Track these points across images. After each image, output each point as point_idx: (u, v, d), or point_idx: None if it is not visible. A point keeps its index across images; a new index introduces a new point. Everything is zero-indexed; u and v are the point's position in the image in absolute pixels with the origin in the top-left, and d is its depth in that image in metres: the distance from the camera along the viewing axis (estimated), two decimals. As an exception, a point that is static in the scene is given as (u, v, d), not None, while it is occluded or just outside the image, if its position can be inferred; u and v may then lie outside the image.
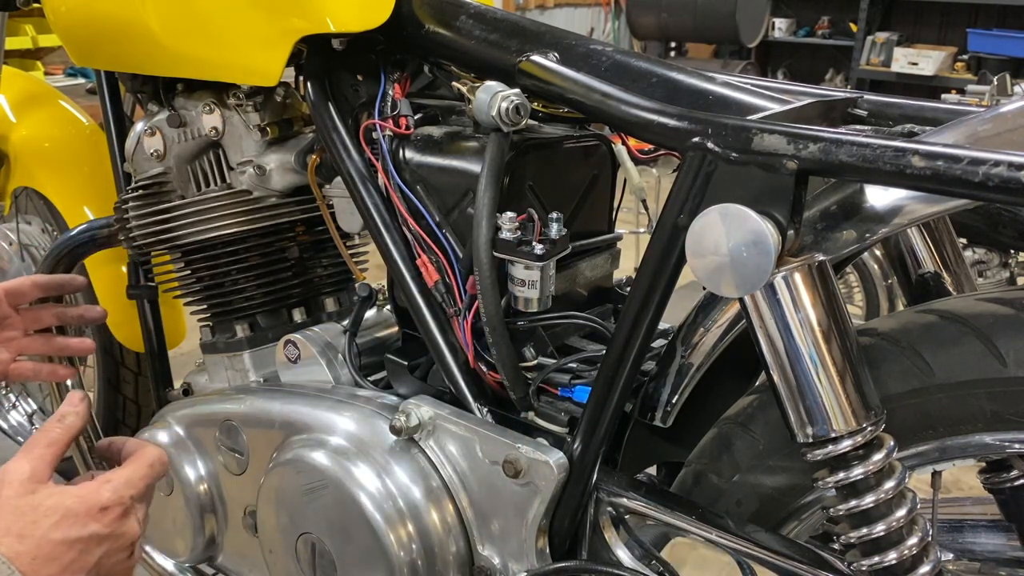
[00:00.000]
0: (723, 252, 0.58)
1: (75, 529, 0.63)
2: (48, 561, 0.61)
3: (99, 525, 0.64)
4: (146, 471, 0.70)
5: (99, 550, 0.64)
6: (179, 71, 0.94)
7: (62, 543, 0.62)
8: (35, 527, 0.62)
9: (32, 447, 0.68)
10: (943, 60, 5.40)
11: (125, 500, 0.66)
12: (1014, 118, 0.59)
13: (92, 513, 0.64)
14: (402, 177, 0.83)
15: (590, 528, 0.76)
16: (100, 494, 0.65)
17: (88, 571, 0.63)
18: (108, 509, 0.65)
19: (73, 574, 0.62)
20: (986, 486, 0.78)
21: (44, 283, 1.07)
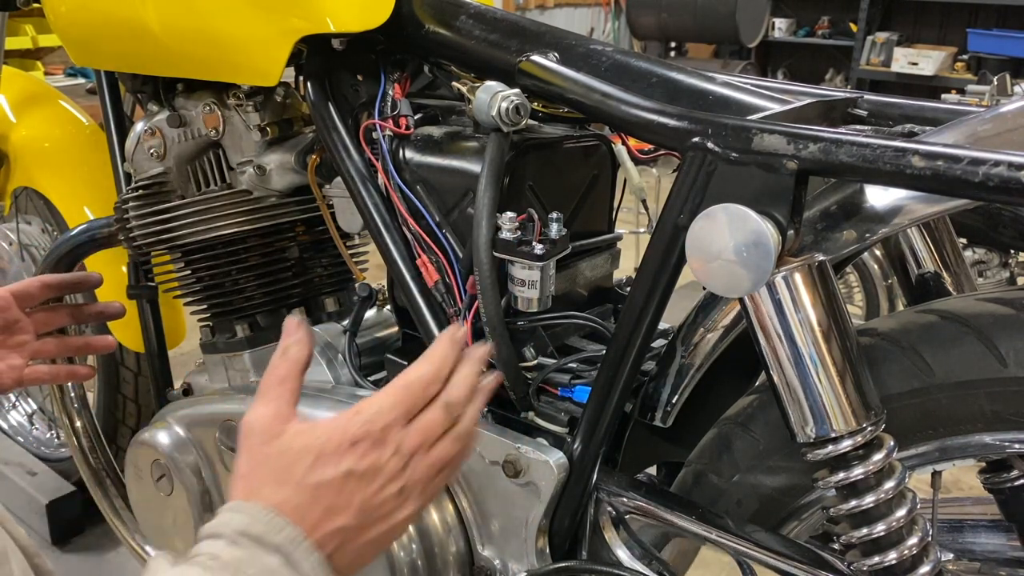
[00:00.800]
0: (723, 252, 0.58)
1: (330, 469, 0.59)
2: (311, 505, 0.59)
3: (352, 460, 0.60)
4: (401, 395, 0.63)
5: (359, 486, 0.60)
6: (179, 71, 0.94)
7: (319, 485, 0.59)
8: (289, 473, 0.60)
9: (266, 391, 0.64)
10: (943, 60, 5.40)
11: (375, 431, 0.61)
12: (1014, 118, 0.59)
13: (343, 450, 0.60)
14: (402, 177, 0.83)
15: (590, 528, 0.76)
16: (348, 428, 0.61)
17: (353, 510, 0.60)
18: (358, 443, 0.60)
19: (337, 514, 0.59)
20: (986, 486, 0.78)
21: (54, 283, 1.05)
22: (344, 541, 0.59)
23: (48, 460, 1.84)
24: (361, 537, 0.60)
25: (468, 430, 0.66)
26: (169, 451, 1.01)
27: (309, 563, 0.57)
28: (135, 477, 1.07)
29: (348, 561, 0.60)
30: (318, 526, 0.59)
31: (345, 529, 0.59)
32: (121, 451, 1.56)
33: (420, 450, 0.63)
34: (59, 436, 1.87)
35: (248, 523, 0.57)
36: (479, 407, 0.67)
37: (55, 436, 1.89)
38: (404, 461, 0.62)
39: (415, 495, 0.63)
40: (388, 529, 0.62)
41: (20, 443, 1.91)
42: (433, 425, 0.64)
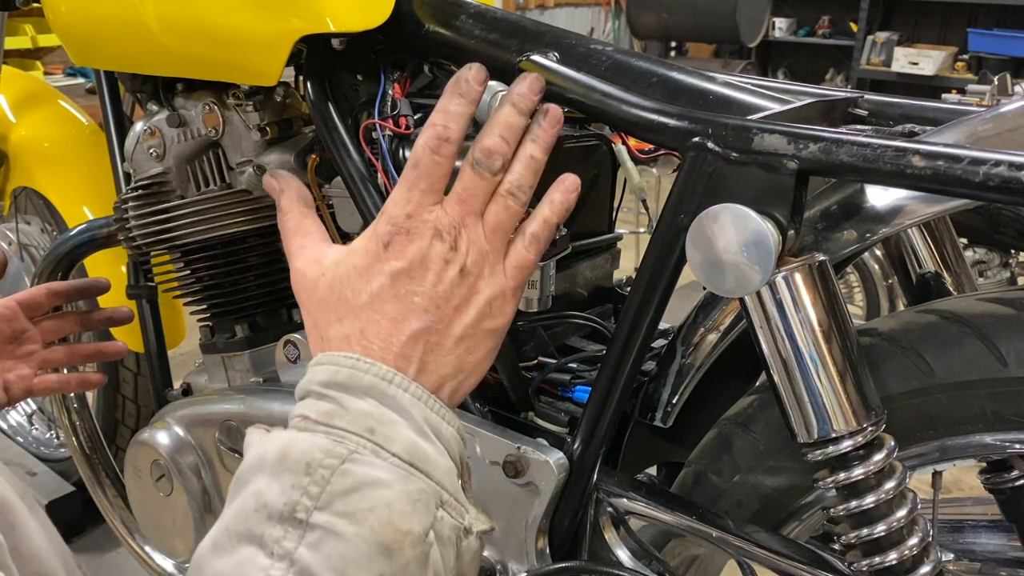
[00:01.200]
0: (723, 252, 0.58)
1: (375, 281, 0.56)
2: (375, 324, 0.55)
3: (392, 262, 0.56)
4: (411, 173, 0.58)
5: (412, 284, 0.56)
6: (179, 71, 0.94)
7: (373, 300, 0.56)
8: (344, 303, 0.57)
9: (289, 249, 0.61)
10: (943, 60, 5.41)
11: (401, 223, 0.57)
12: (1014, 118, 0.59)
13: (379, 256, 0.57)
14: (402, 177, 0.83)
15: (590, 528, 0.76)
16: (377, 232, 0.57)
17: (418, 310, 0.55)
18: (390, 243, 0.57)
19: (405, 321, 0.55)
20: (986, 486, 0.78)
21: (61, 290, 1.04)
22: (428, 347, 0.55)
23: (48, 460, 1.85)
24: (446, 337, 0.56)
25: (523, 180, 0.59)
26: (169, 451, 1.01)
27: (407, 397, 0.54)
28: (135, 477, 1.07)
29: (446, 372, 0.56)
30: (390, 341, 0.55)
31: (421, 332, 0.55)
32: (121, 451, 1.56)
33: (466, 222, 0.58)
34: (58, 436, 1.87)
35: (332, 372, 0.54)
36: (536, 150, 0.60)
37: (55, 436, 1.89)
38: (451, 240, 0.57)
39: (487, 272, 0.58)
40: (474, 319, 0.57)
41: (20, 443, 1.91)
42: (468, 190, 0.58)
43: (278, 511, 0.49)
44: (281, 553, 0.48)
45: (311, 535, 0.48)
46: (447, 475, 0.54)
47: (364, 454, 0.51)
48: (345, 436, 0.51)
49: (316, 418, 0.53)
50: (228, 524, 0.51)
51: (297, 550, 0.48)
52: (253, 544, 0.49)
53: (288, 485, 0.50)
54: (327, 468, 0.50)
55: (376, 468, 0.51)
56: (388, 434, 0.52)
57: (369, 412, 0.52)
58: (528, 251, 0.60)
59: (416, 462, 0.52)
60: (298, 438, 0.52)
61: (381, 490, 0.50)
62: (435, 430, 0.54)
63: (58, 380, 1.06)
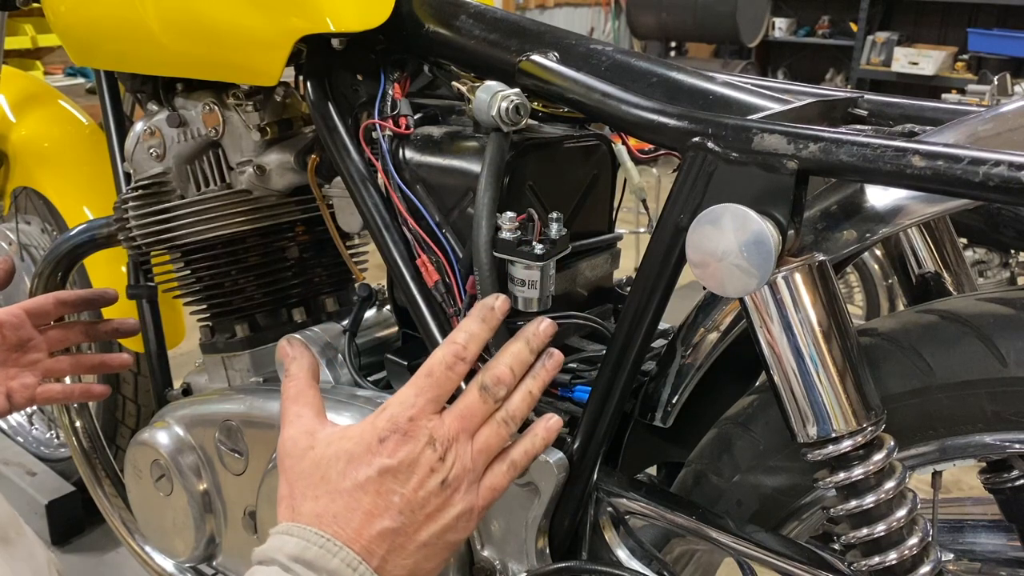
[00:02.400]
0: (723, 252, 0.58)
1: (362, 471, 0.57)
2: (350, 511, 0.57)
3: (383, 457, 0.58)
4: (423, 382, 0.60)
5: (395, 483, 0.57)
6: (179, 71, 0.94)
7: (355, 488, 0.57)
8: (325, 482, 0.58)
9: (286, 415, 0.62)
10: (943, 60, 5.41)
11: (402, 424, 0.59)
12: (1014, 118, 0.59)
13: (372, 448, 0.58)
14: (402, 177, 0.83)
15: (590, 528, 0.76)
16: (375, 426, 0.59)
17: (394, 510, 0.57)
18: (386, 439, 0.58)
19: (378, 516, 0.57)
20: (986, 486, 0.78)
21: (69, 300, 1.04)
22: (393, 546, 0.57)
23: (48, 460, 1.84)
24: (411, 541, 0.58)
25: (517, 411, 0.62)
26: (169, 451, 1.01)
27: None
28: (135, 477, 1.07)
29: (404, 571, 0.58)
30: (361, 531, 0.56)
31: (390, 531, 0.57)
32: (121, 451, 1.56)
33: (460, 438, 0.60)
34: (59, 436, 1.87)
35: (302, 547, 0.55)
36: (535, 386, 0.63)
37: (55, 436, 1.89)
38: (441, 451, 0.59)
39: (464, 488, 0.60)
40: (440, 530, 0.59)
41: (20, 443, 1.91)
42: (469, 410, 0.61)
43: None
44: None
45: None
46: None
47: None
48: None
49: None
50: None
51: None
52: None
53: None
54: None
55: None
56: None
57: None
58: (504, 477, 0.63)
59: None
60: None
61: None
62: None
63: (62, 390, 1.06)
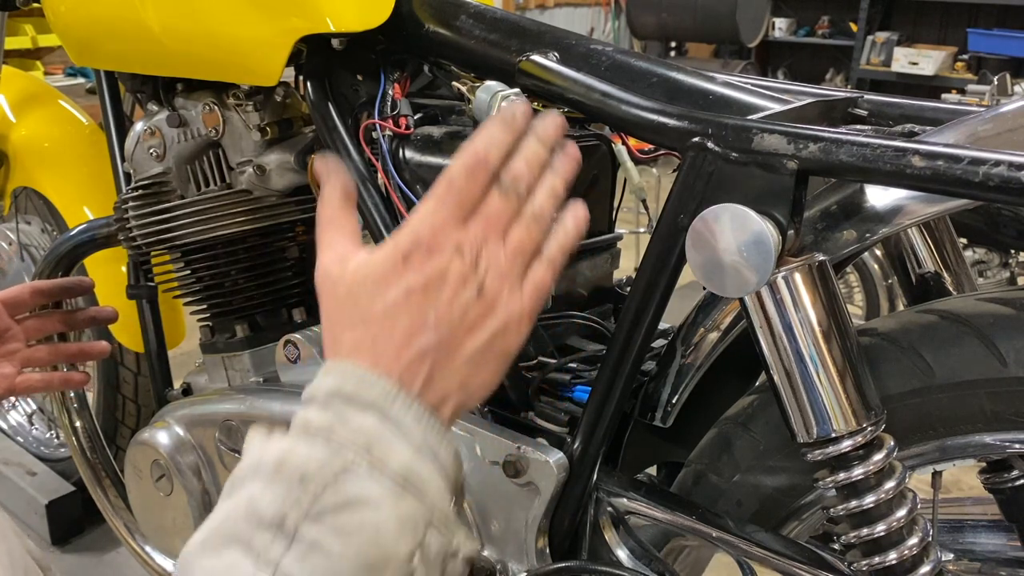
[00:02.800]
0: (723, 252, 0.58)
1: (391, 292, 0.56)
2: (386, 335, 0.55)
3: (409, 276, 0.56)
4: (442, 191, 0.58)
5: (427, 299, 0.55)
6: (179, 71, 0.94)
7: (387, 311, 0.56)
8: (358, 309, 0.57)
9: (320, 240, 0.59)
10: (943, 60, 5.41)
11: (424, 238, 0.57)
12: (1014, 118, 0.59)
13: (397, 268, 0.56)
14: (402, 177, 0.83)
15: (590, 528, 0.76)
16: (398, 244, 0.57)
17: (430, 326, 0.55)
18: (410, 256, 0.56)
19: (415, 335, 0.55)
20: (986, 486, 0.78)
21: (45, 289, 1.04)
22: (436, 364, 0.55)
23: (48, 460, 1.84)
24: (455, 356, 0.56)
25: (543, 209, 0.60)
26: (169, 451, 1.01)
27: (410, 416, 0.54)
28: (135, 477, 1.07)
29: (451, 389, 0.56)
30: (400, 355, 0.55)
31: (431, 349, 0.55)
32: (121, 451, 1.56)
33: (489, 242, 0.58)
34: (59, 436, 1.87)
35: (339, 383, 0.54)
36: (556, 182, 0.61)
37: (55, 436, 1.89)
38: (471, 258, 0.57)
39: (505, 293, 0.57)
40: (487, 339, 0.57)
41: (20, 443, 1.91)
42: (494, 212, 0.58)
43: (268, 519, 0.49)
44: (266, 561, 0.48)
45: (298, 547, 0.49)
46: (440, 497, 0.54)
47: (359, 470, 0.51)
48: (343, 450, 0.51)
49: (317, 427, 0.53)
50: (219, 525, 0.52)
51: (282, 560, 0.48)
52: (240, 548, 0.49)
53: (281, 494, 0.50)
54: (320, 482, 0.50)
55: (369, 486, 0.51)
56: (386, 452, 0.52)
57: (369, 428, 0.52)
58: (546, 274, 0.60)
59: (411, 482, 0.52)
60: (296, 447, 0.52)
61: (371, 510, 0.50)
62: (433, 452, 0.54)
63: (41, 379, 1.06)
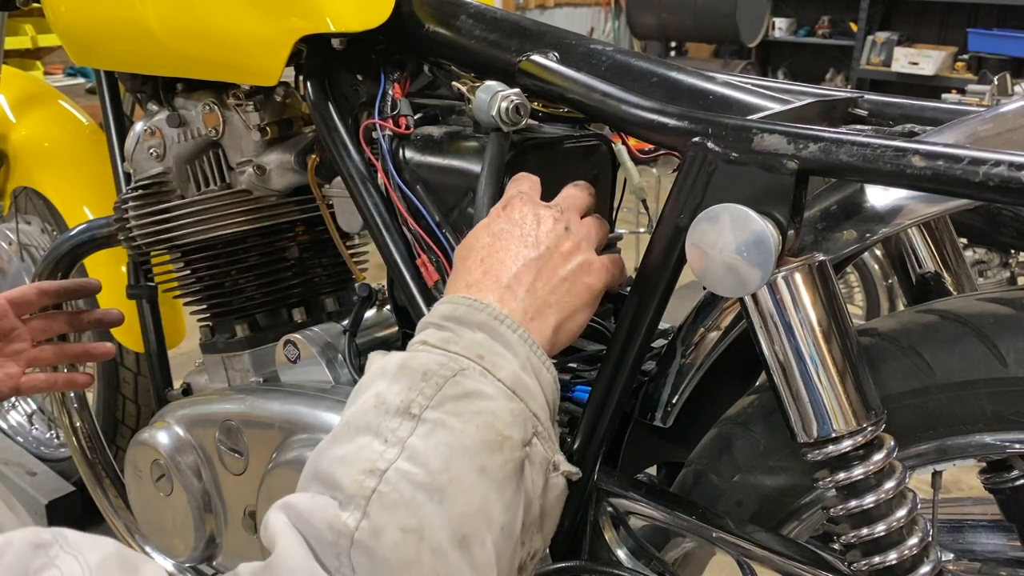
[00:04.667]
0: (723, 252, 0.58)
1: (496, 226, 0.67)
2: (493, 259, 0.65)
3: (511, 214, 0.68)
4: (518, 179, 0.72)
5: (528, 229, 0.66)
6: (179, 71, 0.94)
7: (494, 241, 0.66)
8: (469, 249, 0.67)
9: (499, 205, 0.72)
10: (943, 60, 5.40)
11: (515, 197, 0.69)
12: (1014, 118, 0.59)
13: (499, 213, 0.68)
14: (402, 177, 0.83)
15: (590, 528, 0.76)
16: (498, 203, 0.70)
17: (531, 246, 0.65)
18: (508, 204, 0.69)
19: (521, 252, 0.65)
20: (986, 486, 0.78)
21: (52, 290, 1.04)
22: (536, 276, 0.64)
23: (48, 460, 1.84)
24: (552, 274, 0.65)
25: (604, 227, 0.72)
26: (169, 451, 1.01)
27: (515, 336, 0.61)
28: (135, 477, 1.07)
29: (551, 301, 0.64)
30: (505, 267, 0.64)
31: (531, 263, 0.65)
32: (121, 451, 1.56)
33: (572, 212, 0.69)
34: (59, 436, 1.87)
35: (452, 308, 0.63)
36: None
37: (55, 436, 1.89)
38: (557, 211, 0.68)
39: (586, 245, 0.67)
40: (577, 267, 0.66)
41: (20, 443, 1.91)
42: (573, 197, 0.71)
43: (395, 407, 0.56)
44: (395, 440, 0.55)
45: (423, 427, 0.55)
46: (542, 410, 0.61)
47: (474, 373, 0.59)
48: (458, 358, 0.59)
49: (434, 343, 0.61)
50: (348, 419, 0.58)
51: (409, 438, 0.55)
52: (370, 434, 0.55)
53: (405, 387, 0.57)
54: (441, 377, 0.57)
55: (484, 384, 0.58)
56: (496, 362, 0.60)
57: (481, 342, 0.60)
58: (615, 263, 0.70)
59: (518, 390, 0.59)
60: (417, 354, 0.60)
61: (487, 401, 0.57)
62: (536, 370, 0.62)
63: (45, 379, 1.06)
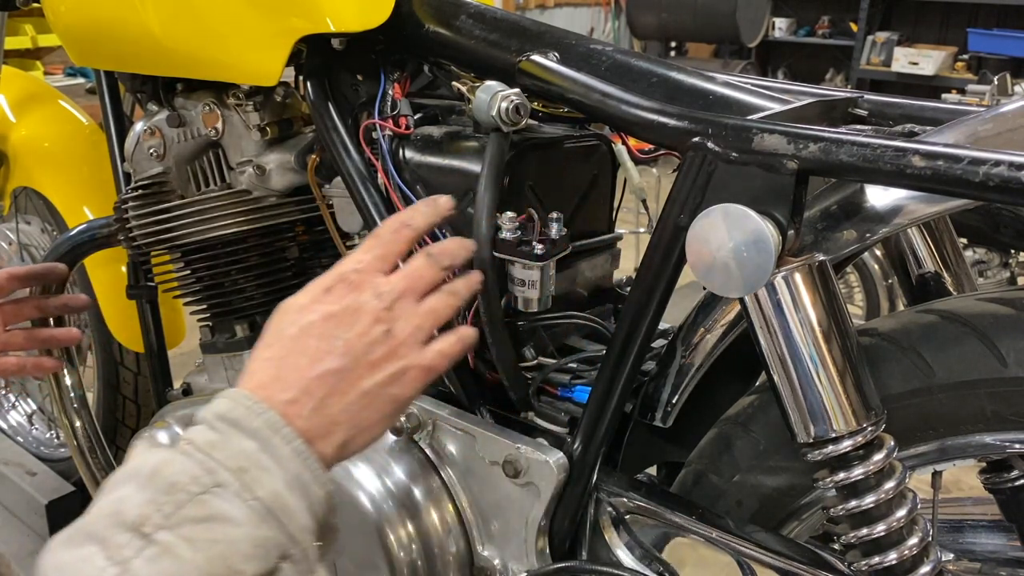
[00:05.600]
0: (723, 252, 0.58)
1: (307, 317, 0.61)
2: (294, 356, 0.60)
3: (327, 304, 0.62)
4: (370, 242, 0.65)
5: (339, 329, 0.60)
6: (179, 71, 0.94)
7: (300, 334, 0.61)
8: (275, 333, 0.62)
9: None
10: (943, 60, 5.40)
11: (348, 276, 0.63)
12: (1014, 118, 0.59)
13: (318, 297, 0.62)
14: (402, 177, 0.83)
15: (590, 528, 0.76)
16: (322, 280, 0.64)
17: (338, 351, 0.60)
18: (332, 288, 0.63)
19: (321, 359, 0.60)
20: (986, 486, 0.78)
21: (21, 275, 1.07)
22: (334, 390, 0.59)
23: (48, 460, 1.84)
24: (353, 387, 0.60)
25: (463, 287, 0.66)
26: (169, 451, 1.01)
27: (289, 449, 0.56)
28: (135, 477, 1.07)
29: (341, 420, 0.59)
30: (302, 374, 0.59)
31: (332, 373, 0.59)
32: (121, 451, 1.56)
33: (406, 296, 0.63)
34: (59, 436, 1.87)
35: (229, 407, 0.57)
36: (476, 277, 0.68)
37: (55, 436, 1.89)
38: (387, 303, 0.62)
39: (411, 344, 0.62)
40: (385, 379, 0.61)
41: (20, 443, 1.91)
42: (417, 271, 0.64)
43: (130, 520, 0.51)
44: (119, 559, 0.50)
45: (151, 549, 0.51)
46: (302, 532, 0.56)
47: (228, 490, 0.53)
48: (218, 469, 0.54)
49: (199, 444, 0.56)
50: (84, 522, 0.53)
51: (133, 560, 0.50)
52: (97, 544, 0.51)
53: (148, 498, 0.52)
54: (188, 493, 0.53)
55: (233, 505, 0.53)
56: (258, 478, 0.54)
57: (248, 453, 0.55)
58: (456, 346, 0.65)
59: (275, 510, 0.54)
60: (175, 459, 0.55)
61: (230, 527, 0.52)
62: (304, 488, 0.56)
63: (16, 363, 1.09)
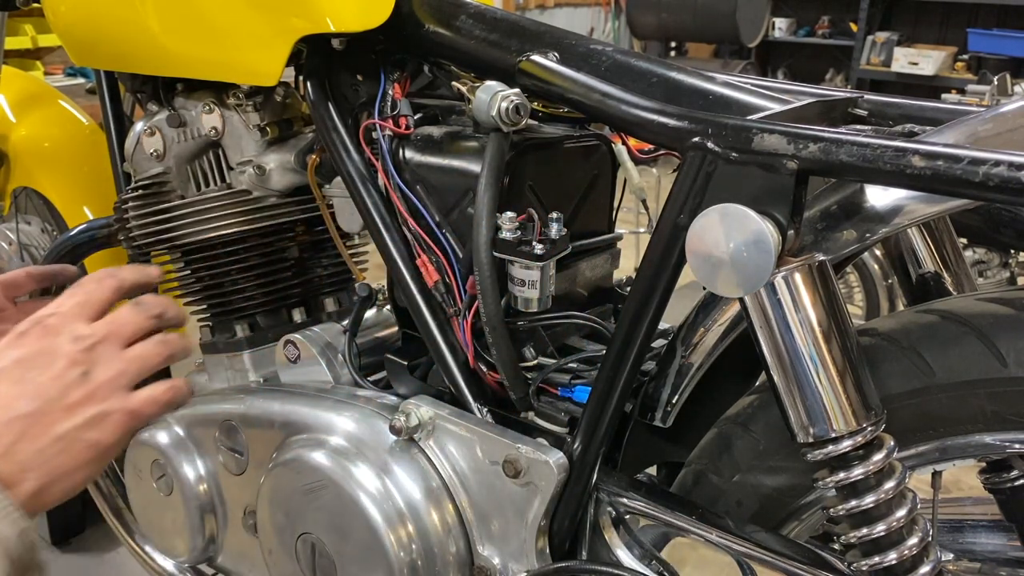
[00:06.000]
0: (723, 252, 0.58)
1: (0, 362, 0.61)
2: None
3: (19, 349, 0.61)
4: (72, 289, 0.65)
5: (31, 372, 0.60)
6: (179, 71, 0.94)
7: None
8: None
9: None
10: (943, 60, 5.41)
11: (44, 321, 0.63)
12: (1014, 118, 0.59)
13: (11, 343, 0.62)
14: (402, 177, 0.83)
15: (590, 528, 0.76)
16: (19, 327, 0.63)
17: (28, 394, 0.59)
18: (26, 333, 0.62)
19: (12, 402, 0.58)
20: (986, 486, 0.78)
21: (39, 274, 1.07)
22: (24, 435, 0.58)
23: (48, 460, 1.84)
24: (47, 431, 0.58)
25: (173, 340, 0.66)
26: (169, 451, 1.01)
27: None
28: (135, 477, 1.07)
29: (32, 466, 0.58)
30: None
31: (21, 417, 0.58)
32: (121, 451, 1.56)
33: (108, 340, 0.62)
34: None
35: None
36: (182, 346, 0.68)
37: (55, 436, 1.89)
38: (85, 346, 0.61)
39: (113, 388, 0.61)
40: (82, 423, 0.60)
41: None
42: (121, 318, 0.64)
43: None
44: None
45: None
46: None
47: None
48: None
49: None
50: None
51: None
52: None
53: None
54: None
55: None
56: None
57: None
58: (164, 394, 0.65)
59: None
60: None
61: None
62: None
63: None
